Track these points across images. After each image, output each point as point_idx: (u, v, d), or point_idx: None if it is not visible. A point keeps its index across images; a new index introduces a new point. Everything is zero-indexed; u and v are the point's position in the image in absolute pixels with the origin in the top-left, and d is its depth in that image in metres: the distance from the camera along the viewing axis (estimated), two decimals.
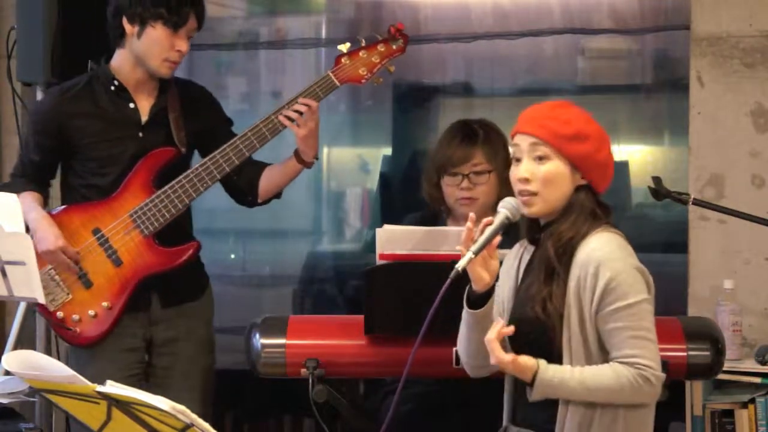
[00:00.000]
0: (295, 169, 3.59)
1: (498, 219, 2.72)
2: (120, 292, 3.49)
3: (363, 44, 3.52)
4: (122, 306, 3.50)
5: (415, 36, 5.01)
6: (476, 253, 2.65)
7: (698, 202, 3.78)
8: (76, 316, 3.49)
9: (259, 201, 3.69)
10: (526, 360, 2.66)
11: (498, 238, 2.70)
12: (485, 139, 3.55)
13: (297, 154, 3.56)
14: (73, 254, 3.46)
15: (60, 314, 3.50)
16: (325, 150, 5.40)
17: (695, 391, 4.01)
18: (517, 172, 2.77)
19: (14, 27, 3.98)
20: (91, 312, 3.49)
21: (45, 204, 3.60)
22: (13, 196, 3.19)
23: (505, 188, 3.50)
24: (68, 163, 3.60)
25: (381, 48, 3.54)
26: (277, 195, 3.71)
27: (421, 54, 4.96)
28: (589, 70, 5.06)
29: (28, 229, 3.30)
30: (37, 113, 3.64)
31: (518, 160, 2.78)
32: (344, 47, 3.52)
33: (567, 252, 2.72)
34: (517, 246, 2.92)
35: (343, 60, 3.51)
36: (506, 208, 2.74)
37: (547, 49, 5.01)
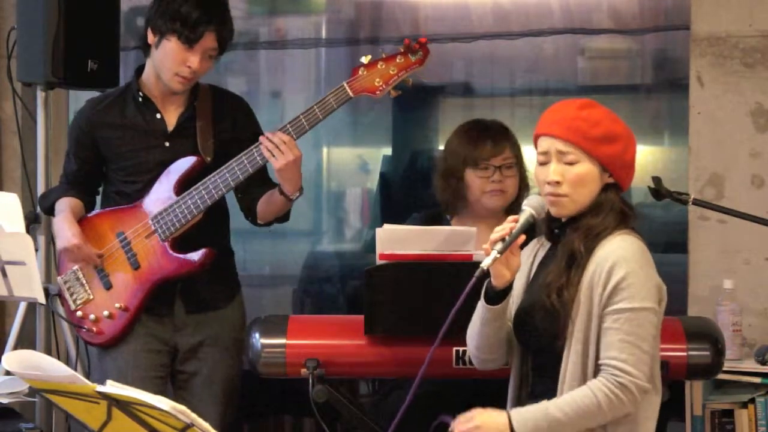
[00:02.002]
0: (279, 201, 3.49)
1: (523, 217, 2.69)
2: (134, 295, 3.50)
3: (383, 56, 3.44)
4: (137, 308, 3.51)
5: (415, 36, 5.02)
6: (501, 252, 2.63)
7: (698, 202, 3.78)
8: (93, 316, 3.53)
9: (260, 223, 3.63)
10: (495, 419, 2.63)
11: (522, 237, 2.67)
12: (510, 136, 3.64)
13: (279, 185, 3.48)
14: (88, 252, 3.49)
15: (79, 313, 3.55)
16: (325, 150, 5.40)
17: (695, 391, 4.01)
18: (546, 174, 2.72)
19: (14, 27, 3.97)
20: (106, 312, 3.52)
21: (89, 209, 3.66)
22: (13, 195, 3.20)
23: (523, 182, 3.58)
24: (104, 171, 3.65)
25: (399, 60, 3.42)
26: (280, 219, 3.62)
27: None
28: (589, 70, 5.06)
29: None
30: (73, 123, 3.70)
31: (545, 161, 2.73)
32: (365, 59, 3.43)
33: (592, 246, 2.70)
34: (533, 242, 2.89)
35: (360, 71, 3.42)
36: (531, 206, 2.71)
37: (547, 49, 5.01)
